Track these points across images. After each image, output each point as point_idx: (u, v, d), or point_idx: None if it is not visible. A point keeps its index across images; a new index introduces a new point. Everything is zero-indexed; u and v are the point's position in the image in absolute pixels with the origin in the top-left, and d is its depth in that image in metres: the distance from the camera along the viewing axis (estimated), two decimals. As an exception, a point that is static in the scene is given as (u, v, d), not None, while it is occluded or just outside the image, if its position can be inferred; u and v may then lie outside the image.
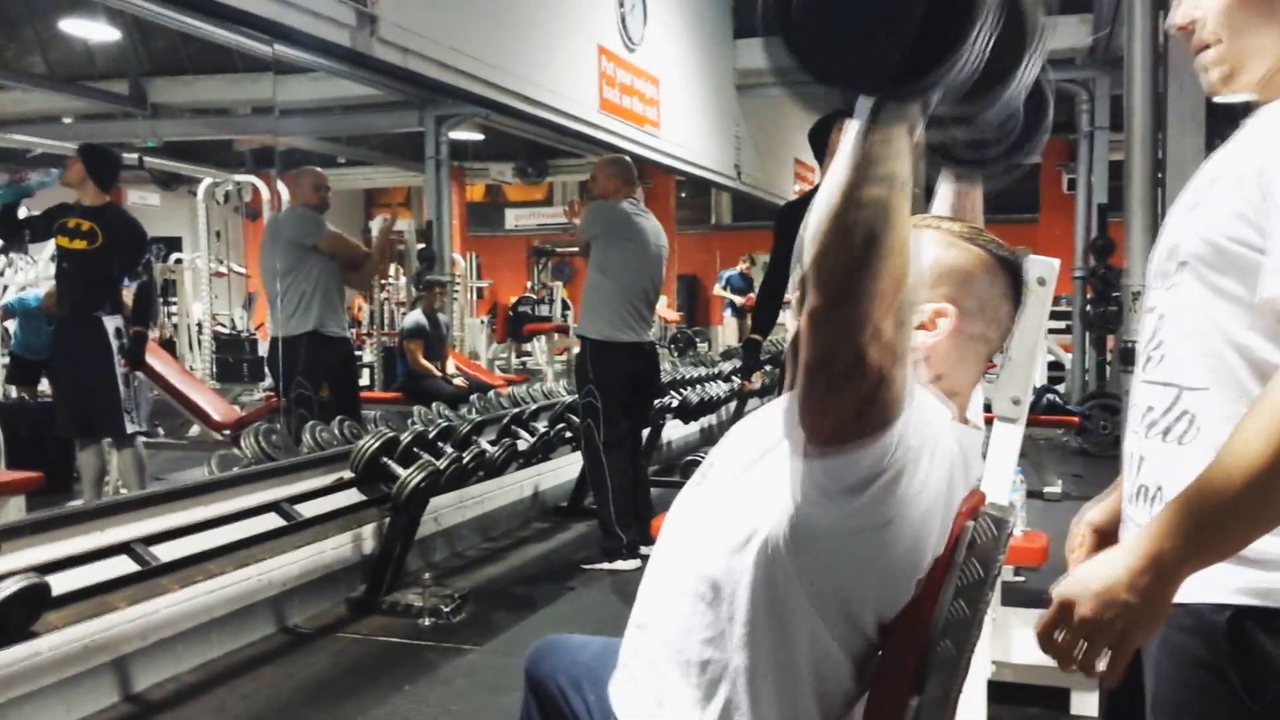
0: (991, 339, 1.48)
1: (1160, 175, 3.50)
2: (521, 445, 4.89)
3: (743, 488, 1.40)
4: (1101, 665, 1.16)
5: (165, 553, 3.19)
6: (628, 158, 5.20)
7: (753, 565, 1.32)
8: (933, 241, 1.43)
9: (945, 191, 1.79)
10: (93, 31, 8.48)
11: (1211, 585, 1.23)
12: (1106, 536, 1.49)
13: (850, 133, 1.02)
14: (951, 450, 1.31)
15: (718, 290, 13.67)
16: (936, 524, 1.31)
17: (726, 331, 13.45)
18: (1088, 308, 8.62)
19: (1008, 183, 1.45)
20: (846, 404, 1.07)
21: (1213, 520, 1.11)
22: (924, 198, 1.53)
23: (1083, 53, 8.81)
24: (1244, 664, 1.21)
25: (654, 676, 1.44)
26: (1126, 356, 3.51)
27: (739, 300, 12.87)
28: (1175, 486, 1.22)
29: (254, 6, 3.74)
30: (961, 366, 1.45)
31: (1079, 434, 7.45)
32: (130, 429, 4.83)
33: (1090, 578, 1.15)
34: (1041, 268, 2.05)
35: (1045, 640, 1.19)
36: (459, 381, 7.45)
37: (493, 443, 4.74)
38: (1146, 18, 3.50)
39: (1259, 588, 1.21)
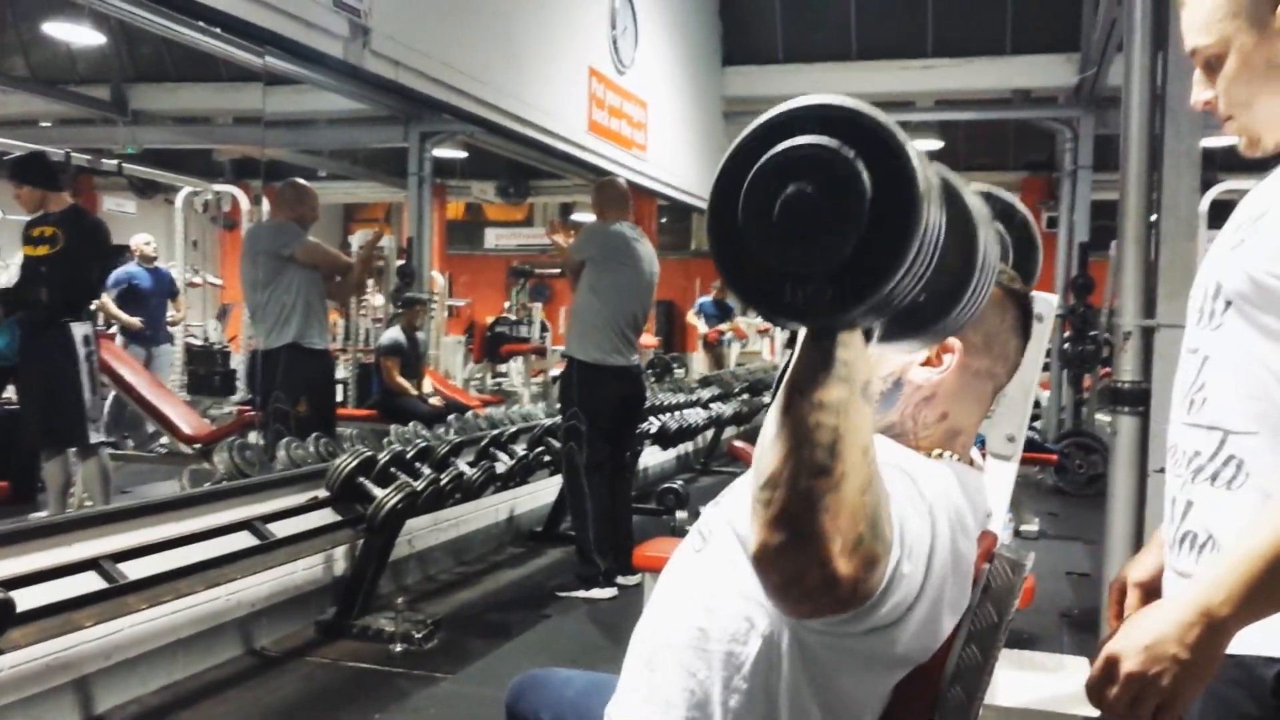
0: (999, 375, 1.44)
1: (1155, 216, 3.48)
2: (500, 468, 4.81)
3: (744, 571, 1.30)
4: None
5: (134, 570, 3.09)
6: (622, 181, 5.16)
7: (755, 656, 1.26)
8: None
9: None
10: (77, 35, 8.40)
11: (1261, 638, 1.20)
12: (1151, 593, 1.45)
13: (799, 341, 0.96)
14: (954, 514, 1.23)
15: (691, 317, 13.65)
16: (945, 609, 1.24)
17: (699, 359, 13.42)
18: (1066, 346, 8.64)
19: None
20: (824, 608, 0.98)
21: (1265, 573, 1.08)
22: None
23: (1067, 91, 8.87)
24: None
25: None
26: (1119, 398, 3.48)
27: (705, 330, 12.82)
28: (1226, 533, 1.20)
29: (247, 14, 3.69)
30: (966, 404, 1.40)
31: (1057, 472, 7.45)
32: (95, 438, 4.73)
33: (1138, 632, 1.12)
34: (1039, 304, 2.03)
35: (1094, 695, 1.16)
36: (435, 401, 7.37)
37: (471, 464, 4.66)
38: (1144, 57, 3.49)
39: None
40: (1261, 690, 1.20)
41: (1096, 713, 3.16)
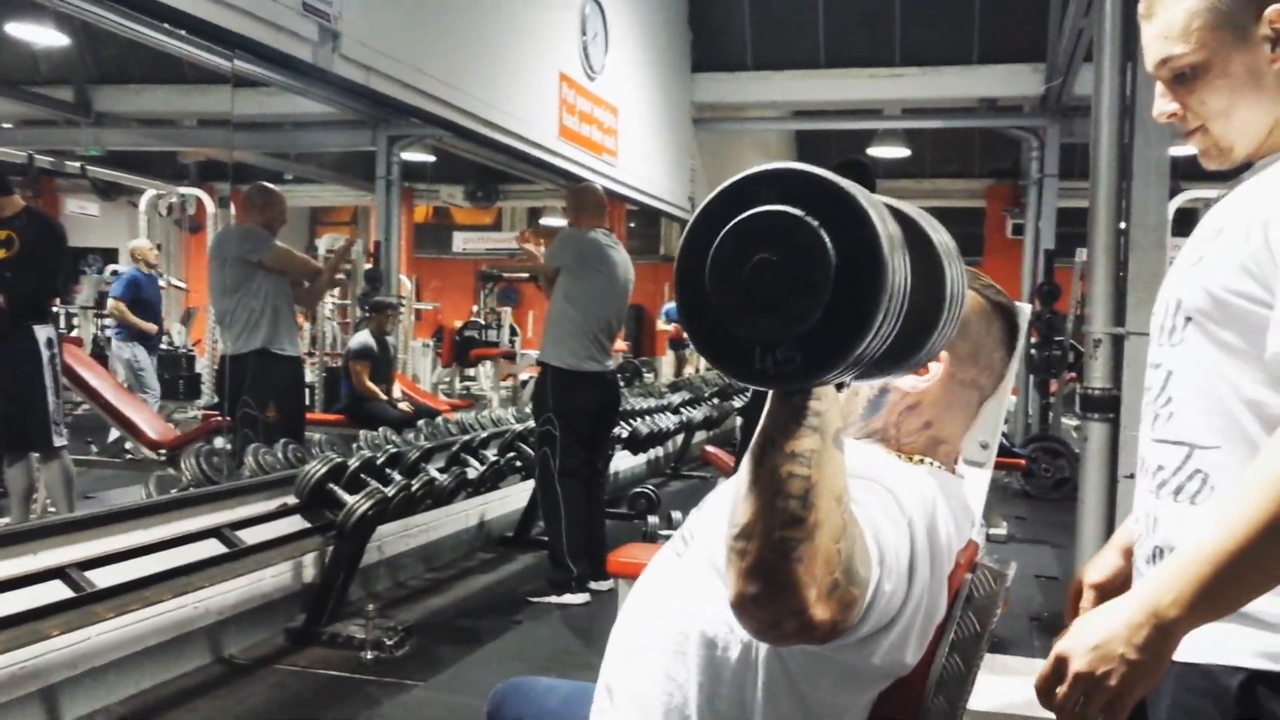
0: (985, 385, 1.44)
1: (1125, 224, 3.52)
2: (471, 474, 4.79)
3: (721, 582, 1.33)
4: None
5: (101, 578, 3.05)
6: (599, 187, 5.16)
7: (732, 664, 1.26)
8: None
9: None
10: (39, 36, 8.28)
11: (1226, 647, 1.21)
12: (1107, 594, 1.46)
13: (771, 395, 0.97)
14: (931, 523, 1.23)
15: (661, 325, 13.67)
16: (925, 621, 1.24)
17: (667, 364, 13.44)
18: (1032, 351, 8.72)
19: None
20: (804, 643, 1.00)
21: (1213, 578, 1.08)
22: None
23: (1033, 100, 8.96)
24: None
25: None
26: (1089, 404, 3.51)
27: (669, 329, 12.87)
28: None
29: (215, 17, 3.65)
30: (951, 414, 1.41)
31: (1024, 477, 7.51)
32: (58, 442, 4.67)
33: (1087, 632, 1.11)
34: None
35: (1043, 695, 1.15)
36: (404, 406, 7.33)
37: (442, 470, 4.63)
38: (1114, 68, 3.53)
39: (1273, 651, 1.19)
40: (1226, 699, 1.20)
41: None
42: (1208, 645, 1.21)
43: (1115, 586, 1.45)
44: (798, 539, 0.93)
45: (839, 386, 0.97)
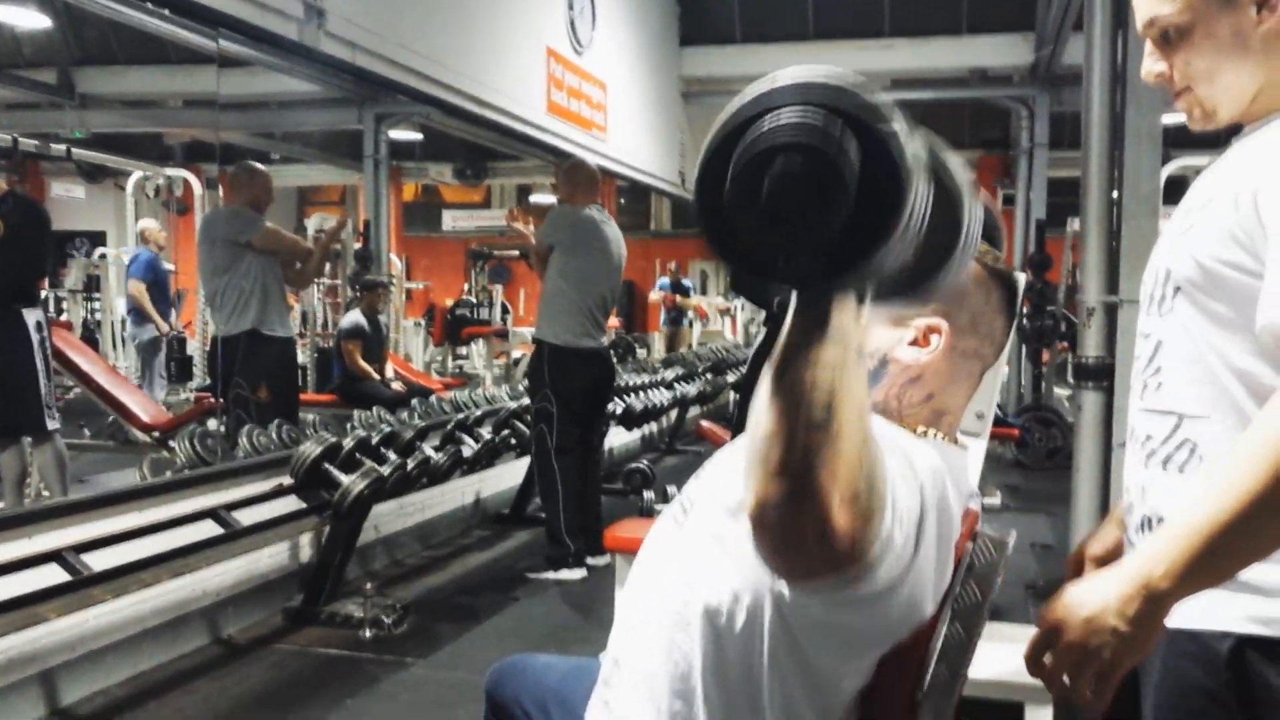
0: (986, 355, 1.44)
1: (1117, 193, 3.52)
2: (466, 452, 4.79)
3: (727, 544, 1.31)
4: (1089, 691, 1.14)
5: (97, 561, 3.05)
6: (592, 164, 5.13)
7: (738, 629, 1.26)
8: None
9: None
10: (21, 18, 8.20)
11: (1216, 613, 1.22)
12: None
13: (794, 304, 0.97)
14: (940, 494, 1.23)
15: (654, 296, 13.66)
16: (929, 587, 1.24)
17: (660, 339, 13.44)
18: (1024, 321, 8.72)
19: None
20: (820, 566, 0.99)
21: (1205, 548, 1.08)
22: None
23: (1023, 70, 8.94)
24: (1245, 693, 1.20)
25: (627, 715, 1.37)
26: (1083, 373, 3.52)
27: (659, 298, 12.91)
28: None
29: (200, -5, 3.62)
30: (954, 385, 1.40)
31: (1018, 446, 7.54)
32: (51, 425, 4.66)
33: (1079, 602, 1.11)
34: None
35: (1033, 664, 1.16)
36: (397, 385, 7.32)
37: (437, 449, 4.63)
38: (1105, 36, 3.51)
39: (1263, 616, 1.20)
40: (1216, 664, 1.21)
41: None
42: (1198, 611, 1.22)
43: (1116, 560, 1.46)
44: (821, 443, 0.92)
45: (861, 299, 0.96)
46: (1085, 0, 3.68)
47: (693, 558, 1.33)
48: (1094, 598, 1.10)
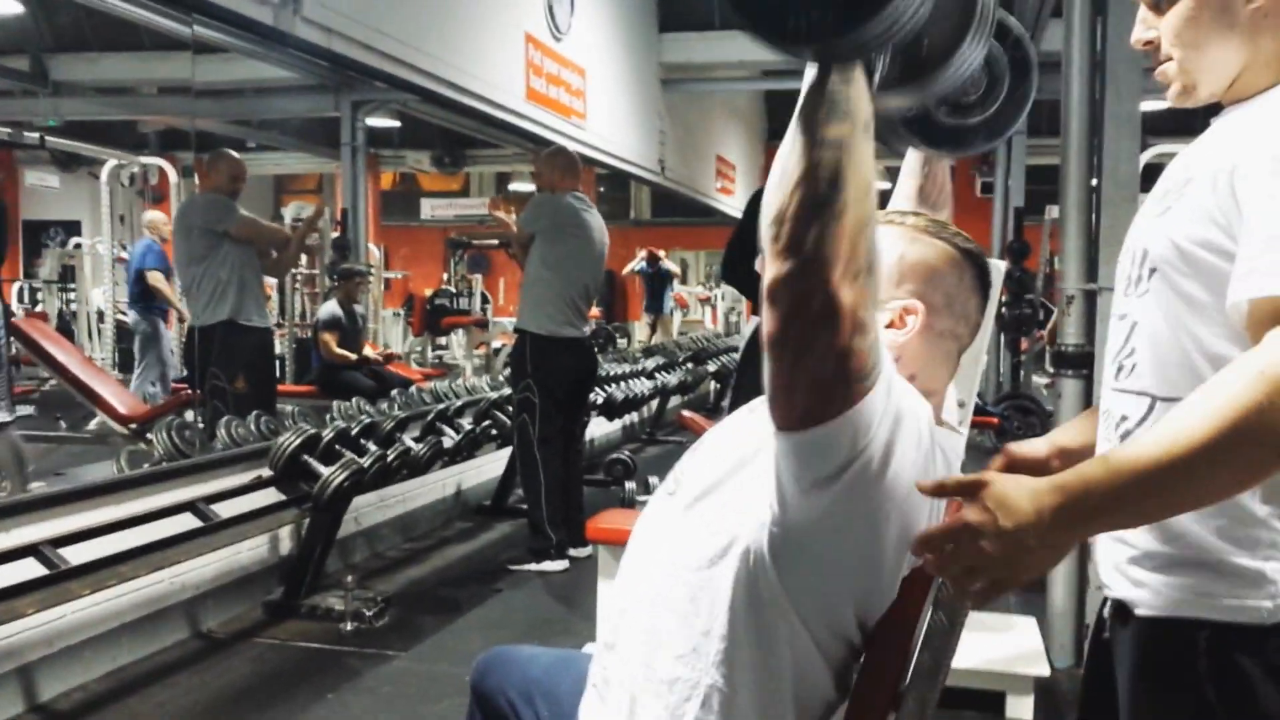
0: (962, 335, 1.45)
1: (1096, 180, 3.52)
2: (446, 443, 4.76)
3: (718, 499, 1.34)
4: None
5: (75, 555, 3.02)
6: (572, 150, 5.10)
7: (732, 577, 1.27)
8: (895, 237, 1.41)
9: (913, 164, 1.78)
10: (-8, 4, 8.10)
11: (1194, 602, 1.22)
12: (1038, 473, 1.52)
13: (807, 77, 1.01)
14: (927, 440, 1.26)
15: (628, 271, 13.62)
16: (923, 514, 1.26)
17: (640, 329, 13.43)
18: (1003, 310, 8.75)
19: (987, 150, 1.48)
20: (823, 361, 1.04)
21: (1143, 486, 1.07)
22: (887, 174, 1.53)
23: (1002, 58, 8.94)
24: (1222, 681, 1.20)
25: (624, 697, 1.37)
26: (1063, 361, 3.52)
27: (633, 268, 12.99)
28: None
29: (174, -20, 3.57)
30: (933, 365, 1.41)
31: (997, 435, 7.56)
32: (4, 417, 4.58)
33: (1007, 508, 1.07)
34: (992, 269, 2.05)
35: (929, 546, 1.11)
36: (377, 356, 7.27)
37: (417, 440, 4.61)
38: (1084, 23, 3.51)
39: (1238, 604, 1.19)
40: (1194, 653, 1.21)
41: (1044, 673, 3.19)
42: (1176, 599, 1.22)
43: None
44: (828, 217, 0.99)
45: (871, 73, 1.00)
46: (1062, -12, 3.68)
47: (681, 538, 1.34)
48: (1022, 509, 1.07)
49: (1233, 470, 1.07)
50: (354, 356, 7.11)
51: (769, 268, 1.02)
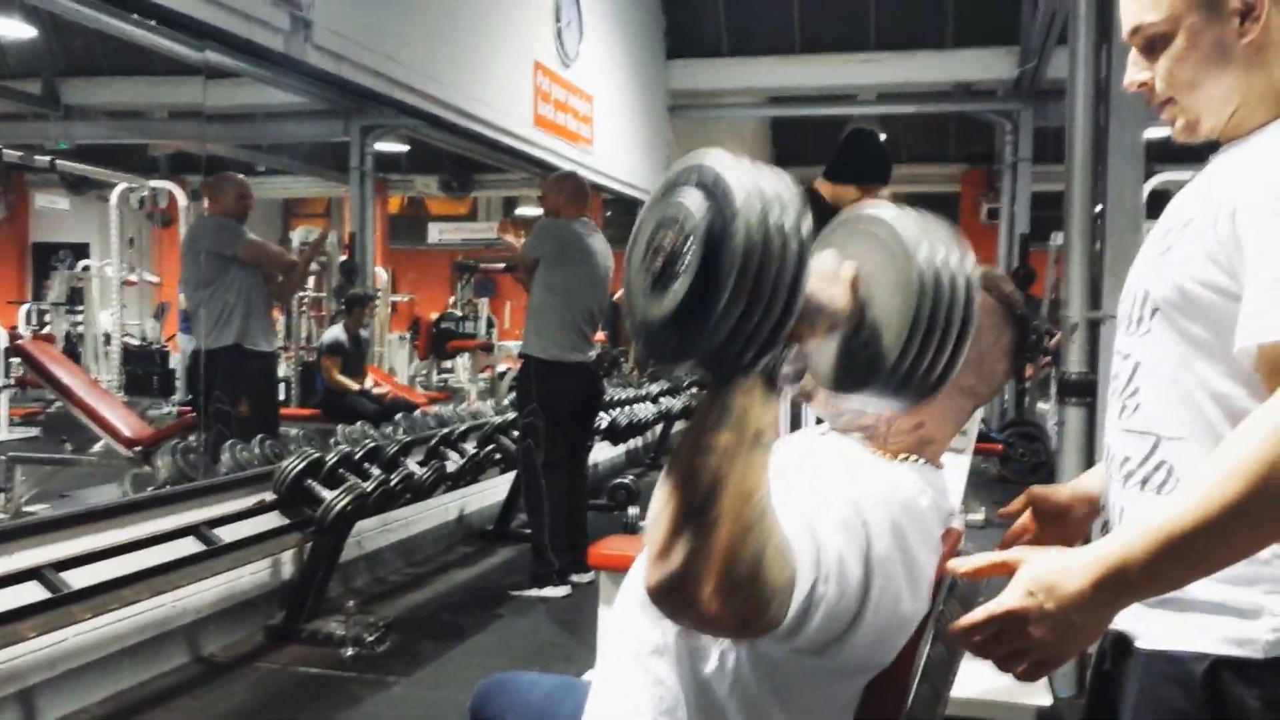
0: (981, 393, 1.43)
1: (1100, 208, 3.53)
2: (450, 467, 4.76)
3: None
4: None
5: (77, 579, 3.02)
6: (581, 176, 5.12)
7: (713, 664, 1.26)
8: None
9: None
10: (7, 28, 8.18)
11: (1192, 635, 1.22)
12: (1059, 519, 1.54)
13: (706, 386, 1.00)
14: (901, 521, 1.23)
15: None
16: (899, 616, 1.25)
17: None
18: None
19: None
20: (720, 635, 1.04)
21: (1177, 550, 1.05)
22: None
23: (1007, 84, 8.97)
24: (1220, 714, 1.20)
25: None
26: (1066, 389, 3.52)
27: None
28: None
29: (186, 8, 3.61)
30: (944, 418, 1.40)
31: (1001, 461, 7.54)
32: None
33: (1046, 591, 1.05)
34: None
35: (970, 632, 1.08)
36: (379, 391, 7.27)
37: (421, 464, 4.61)
38: (1089, 51, 3.52)
39: (1236, 637, 1.19)
40: (1192, 686, 1.21)
41: (1046, 703, 3.17)
42: (1175, 633, 1.23)
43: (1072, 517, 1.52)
44: (698, 532, 0.93)
45: (772, 383, 0.97)
46: (1069, 14, 3.70)
47: None
48: (1065, 591, 1.05)
49: (1266, 528, 1.06)
50: (355, 387, 7.11)
51: (645, 568, 0.98)
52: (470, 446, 5.06)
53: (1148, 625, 1.26)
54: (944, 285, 1.05)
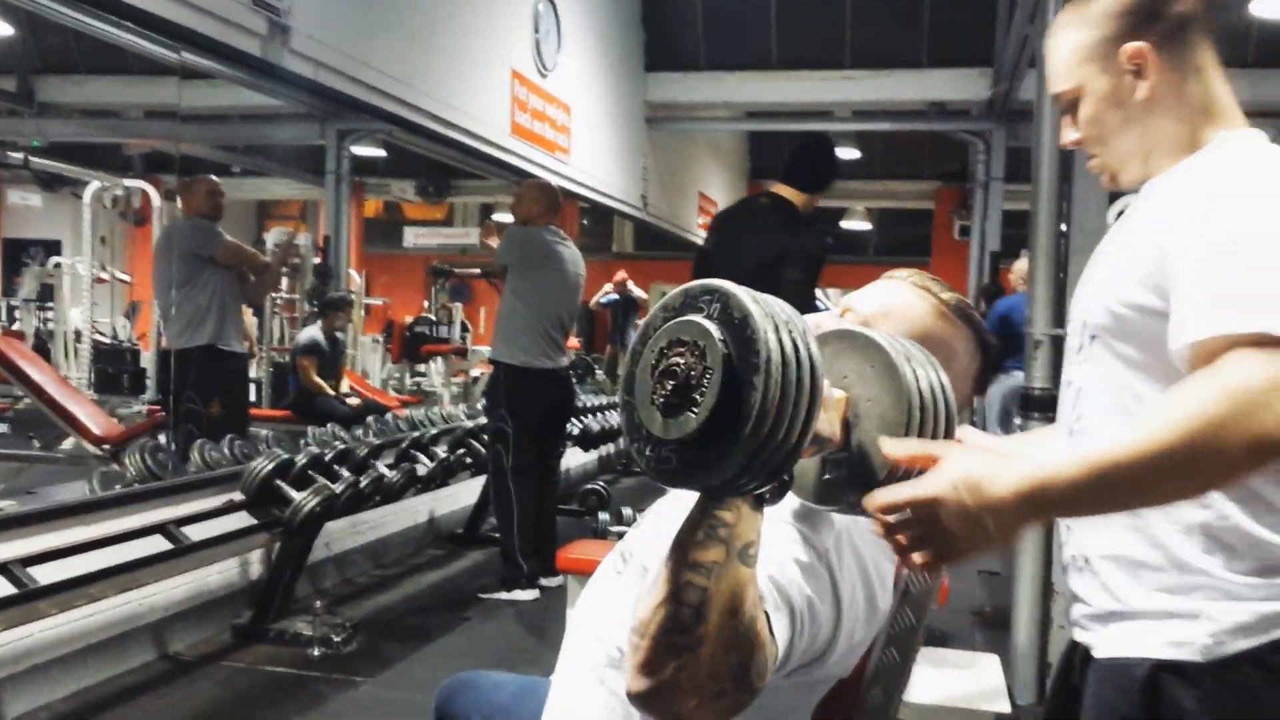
0: None
1: (1065, 227, 3.59)
2: (421, 470, 4.78)
3: None
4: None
5: (44, 574, 3.02)
6: (553, 184, 5.15)
7: None
8: (926, 309, 1.41)
9: None
10: (-19, 25, 8.13)
11: (1137, 642, 1.28)
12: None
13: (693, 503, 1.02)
14: (858, 543, 1.27)
15: (594, 305, 13.60)
16: (879, 603, 1.30)
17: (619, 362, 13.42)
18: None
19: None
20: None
21: (1099, 482, 1.08)
22: None
23: (980, 105, 9.07)
24: (1155, 713, 1.25)
25: None
26: (1028, 404, 3.58)
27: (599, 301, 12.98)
28: (1101, 557, 1.30)
29: (163, 10, 3.61)
30: None
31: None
32: None
33: (972, 490, 1.07)
34: None
35: (884, 506, 1.08)
36: (352, 401, 7.28)
37: (391, 467, 4.62)
38: (1055, 75, 3.60)
39: (1175, 639, 1.25)
40: (1133, 690, 1.26)
41: (1006, 709, 3.21)
42: (1122, 641, 1.29)
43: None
44: (684, 647, 0.96)
45: (759, 501, 1.00)
46: (1038, 39, 3.77)
47: (624, 612, 1.35)
48: (991, 494, 1.07)
49: (1192, 479, 1.10)
50: (332, 392, 7.11)
51: (627, 675, 1.00)
52: (441, 450, 5.08)
53: (1102, 637, 1.32)
54: (928, 408, 1.09)
